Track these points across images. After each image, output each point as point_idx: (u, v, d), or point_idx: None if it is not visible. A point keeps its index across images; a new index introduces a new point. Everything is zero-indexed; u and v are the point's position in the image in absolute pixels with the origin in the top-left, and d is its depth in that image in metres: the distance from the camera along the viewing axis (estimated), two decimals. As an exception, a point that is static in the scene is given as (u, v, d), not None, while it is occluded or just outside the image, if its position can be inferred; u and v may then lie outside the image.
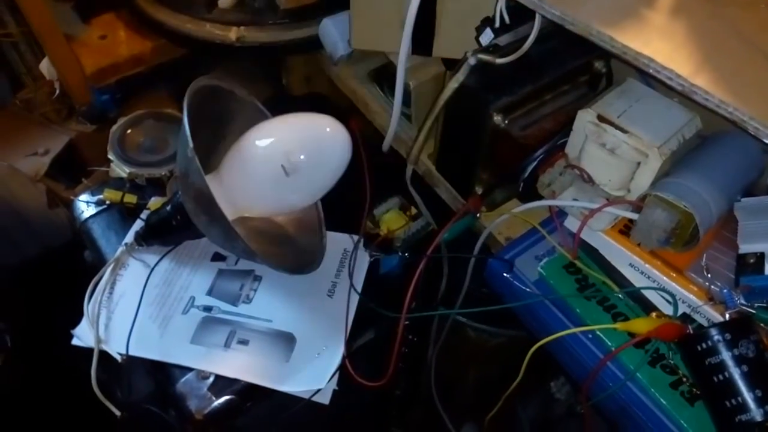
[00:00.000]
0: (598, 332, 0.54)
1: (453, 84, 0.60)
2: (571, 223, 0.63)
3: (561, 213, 0.64)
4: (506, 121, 0.60)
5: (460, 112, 0.62)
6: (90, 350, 0.67)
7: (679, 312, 0.55)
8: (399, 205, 0.76)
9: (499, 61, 0.58)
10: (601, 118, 0.59)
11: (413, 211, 0.76)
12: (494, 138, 0.61)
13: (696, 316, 0.54)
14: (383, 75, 0.84)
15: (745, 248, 0.54)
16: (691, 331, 0.48)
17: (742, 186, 0.58)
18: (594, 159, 0.60)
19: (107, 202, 0.79)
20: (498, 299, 0.64)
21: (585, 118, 0.60)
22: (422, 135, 0.66)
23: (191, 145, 0.58)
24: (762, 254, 0.53)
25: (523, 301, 0.59)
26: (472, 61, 0.58)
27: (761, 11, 0.49)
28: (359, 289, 0.71)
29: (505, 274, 0.60)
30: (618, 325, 0.52)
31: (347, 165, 0.67)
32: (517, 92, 0.60)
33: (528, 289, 0.60)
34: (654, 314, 0.55)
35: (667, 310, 0.56)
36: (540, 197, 0.65)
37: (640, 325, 0.51)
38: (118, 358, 0.66)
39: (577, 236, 0.59)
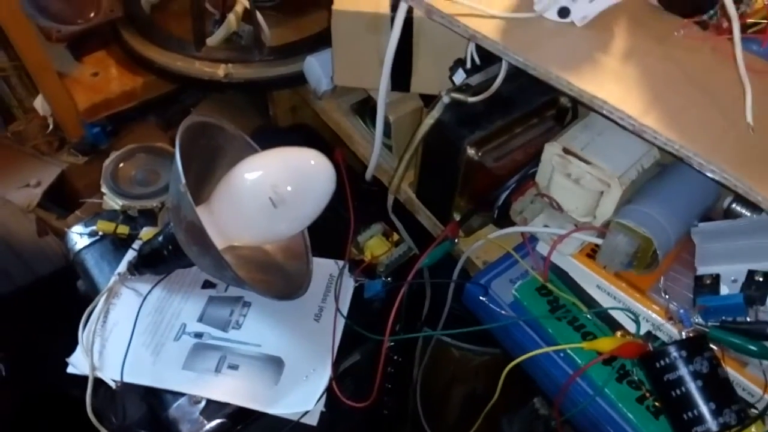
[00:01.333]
0: (568, 351, 0.57)
1: (429, 120, 0.64)
2: (543, 248, 0.67)
3: (533, 238, 0.68)
4: (479, 154, 0.64)
5: (436, 145, 0.67)
6: (85, 377, 0.69)
7: (643, 330, 0.59)
8: (382, 231, 0.80)
9: (471, 99, 0.62)
10: (567, 151, 0.63)
11: (395, 237, 0.80)
12: (469, 169, 0.65)
13: (659, 334, 0.58)
14: (365, 108, 0.88)
15: (702, 270, 0.58)
16: (652, 349, 0.52)
17: (698, 212, 0.62)
18: (561, 188, 0.65)
19: (100, 233, 0.82)
20: (477, 320, 0.68)
21: (552, 150, 0.64)
22: (402, 167, 0.70)
23: (183, 180, 0.61)
24: (717, 275, 0.57)
25: (498, 323, 0.63)
26: (445, 99, 0.63)
27: (706, 54, 0.54)
28: (345, 313, 0.74)
29: (481, 298, 0.64)
30: (584, 345, 0.55)
31: (332, 195, 0.71)
32: (489, 127, 0.65)
33: (503, 312, 0.64)
34: (619, 333, 0.58)
35: (632, 328, 0.60)
36: (513, 224, 0.69)
37: (605, 344, 0.54)
38: (113, 384, 0.68)
39: (548, 260, 0.63)
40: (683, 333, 0.53)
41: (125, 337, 0.72)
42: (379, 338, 0.67)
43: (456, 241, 0.72)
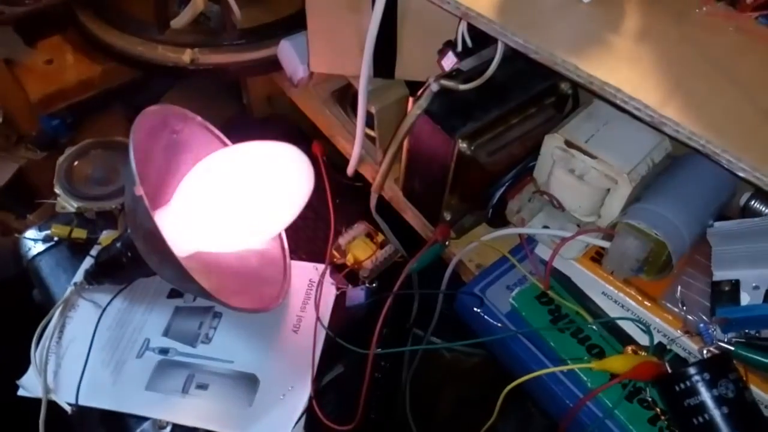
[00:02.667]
0: (576, 370, 0.51)
1: (416, 111, 0.57)
2: (542, 251, 0.61)
3: (531, 240, 0.62)
4: (472, 148, 0.57)
5: (424, 138, 0.60)
6: (38, 401, 0.62)
7: (655, 341, 0.53)
8: (365, 232, 0.73)
9: (463, 87, 0.56)
10: (569, 143, 0.57)
11: (380, 237, 0.73)
12: (460, 165, 0.58)
13: (673, 347, 0.52)
14: (346, 96, 0.81)
15: (719, 275, 0.52)
16: (669, 370, 0.46)
17: (713, 209, 0.56)
18: (563, 185, 0.58)
19: (55, 238, 0.74)
20: (469, 328, 0.62)
21: (552, 143, 0.58)
22: (386, 163, 0.63)
23: (137, 183, 0.54)
24: (737, 281, 0.51)
25: (495, 336, 0.57)
26: (434, 87, 0.56)
27: (730, 35, 0.48)
28: (326, 323, 0.68)
29: (475, 309, 0.58)
30: (594, 365, 0.49)
31: (310, 194, 0.64)
32: (483, 118, 0.58)
33: (499, 324, 0.57)
34: (630, 348, 0.53)
35: (643, 340, 0.54)
36: (509, 224, 0.62)
37: (617, 364, 0.48)
38: (68, 409, 0.61)
39: (549, 266, 0.56)
40: (704, 351, 0.47)
41: (82, 355, 0.65)
42: (364, 352, 0.60)
43: (446, 243, 0.65)
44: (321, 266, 0.71)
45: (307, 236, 0.78)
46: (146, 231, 0.57)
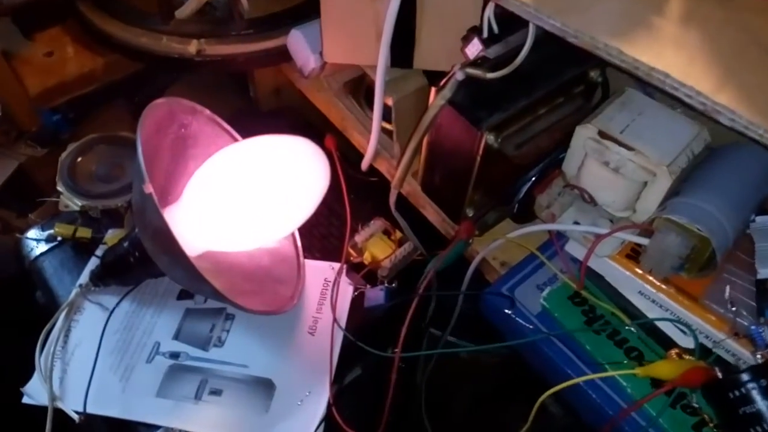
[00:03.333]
0: (617, 377, 0.48)
1: (439, 102, 0.54)
2: (573, 248, 0.58)
3: (560, 236, 0.59)
4: (499, 140, 0.54)
5: (448, 131, 0.57)
6: (43, 409, 0.59)
7: (695, 344, 0.50)
8: (382, 228, 0.70)
9: (490, 75, 0.52)
10: (603, 135, 0.53)
11: (398, 234, 0.70)
12: (486, 158, 0.55)
13: (718, 350, 0.49)
14: (360, 87, 0.78)
15: (764, 273, 0.49)
16: (720, 376, 0.43)
17: (755, 203, 0.53)
18: (596, 178, 0.55)
19: (58, 238, 0.71)
20: (495, 330, 0.59)
21: (584, 134, 0.55)
22: (407, 157, 0.60)
23: (147, 181, 0.51)
24: (784, 279, 0.48)
25: (526, 339, 0.54)
26: (459, 76, 0.52)
27: (779, 16, 0.45)
28: (343, 324, 0.65)
29: (506, 311, 0.55)
30: (638, 371, 0.46)
31: (326, 191, 0.61)
32: (510, 108, 0.55)
33: (531, 326, 0.54)
34: (673, 352, 0.50)
35: (684, 342, 0.51)
36: (534, 219, 0.59)
37: (665, 370, 0.45)
38: (75, 417, 0.58)
39: (584, 266, 0.53)
40: (758, 355, 0.44)
41: (89, 361, 0.62)
42: (388, 355, 0.57)
43: (470, 241, 0.62)
44: (336, 265, 0.68)
45: (320, 233, 0.74)
46: (155, 230, 0.54)
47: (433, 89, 0.55)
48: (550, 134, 0.59)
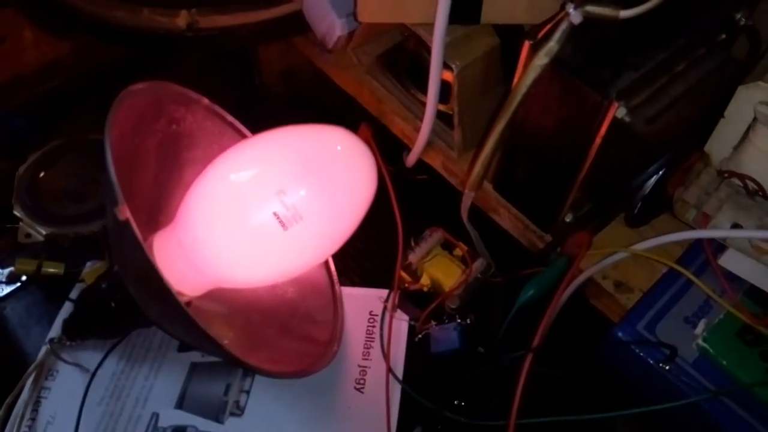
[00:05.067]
0: None
1: (541, 60, 0.37)
2: (733, 261, 0.41)
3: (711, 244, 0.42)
4: (631, 113, 0.37)
5: (550, 103, 0.40)
6: None
7: None
8: (441, 242, 0.53)
9: (624, 14, 0.35)
10: (786, 96, 0.36)
11: (463, 248, 0.53)
12: (610, 139, 0.38)
13: None
14: (399, 59, 0.60)
15: None
16: None
17: None
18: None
19: (22, 277, 0.55)
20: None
21: (754, 97, 0.38)
22: (489, 147, 0.42)
23: (121, 201, 0.34)
24: None
25: (685, 400, 0.37)
26: (575, 18, 0.35)
27: None
28: (400, 374, 0.49)
29: (661, 365, 0.38)
30: None
31: (372, 199, 0.44)
32: (642, 65, 0.38)
33: (688, 381, 0.37)
34: None
35: None
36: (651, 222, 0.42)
37: None
38: None
39: (775, 292, 0.36)
40: None
41: (65, 443, 0.45)
42: (489, 424, 0.41)
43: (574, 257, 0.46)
44: (384, 293, 0.52)
45: (356, 251, 0.58)
46: (138, 271, 0.37)
47: (527, 44, 0.38)
48: (688, 103, 0.41)
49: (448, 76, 0.49)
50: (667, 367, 0.37)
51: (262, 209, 0.40)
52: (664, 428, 0.43)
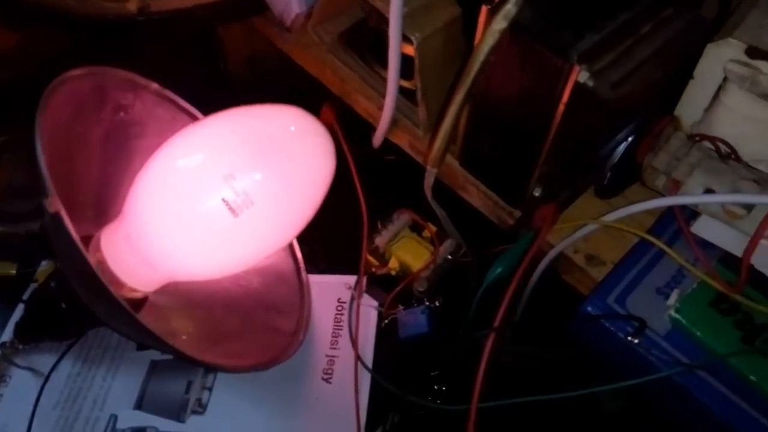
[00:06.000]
0: None
1: (499, 24, 0.35)
2: (706, 229, 0.39)
3: (683, 211, 0.40)
4: (594, 76, 0.35)
5: (510, 70, 0.38)
6: None
7: None
8: (410, 223, 0.51)
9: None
10: (755, 52, 0.34)
11: (432, 229, 0.51)
12: (574, 106, 0.36)
13: None
14: (361, 36, 0.58)
15: None
16: None
17: None
18: (741, 120, 0.37)
19: (-29, 279, 0.52)
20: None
21: (723, 55, 0.36)
22: (448, 121, 0.40)
23: (51, 192, 0.32)
24: None
25: (657, 374, 0.35)
26: (529, -23, 0.33)
27: None
28: (370, 363, 0.47)
29: (630, 339, 0.36)
30: None
31: (332, 179, 0.42)
32: (605, 26, 0.36)
33: (662, 355, 0.36)
34: None
35: None
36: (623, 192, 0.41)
37: None
38: None
39: (748, 260, 0.34)
40: None
41: (19, 452, 0.43)
42: (454, 408, 0.39)
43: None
44: (352, 280, 0.50)
45: (323, 236, 0.55)
46: (76, 267, 0.35)
47: (484, 9, 0.36)
48: (655, 65, 0.39)
49: (409, 50, 0.46)
50: (637, 341, 0.36)
51: (210, 196, 0.38)
52: (650, 402, 0.42)
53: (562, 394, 0.36)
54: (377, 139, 0.54)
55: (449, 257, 0.49)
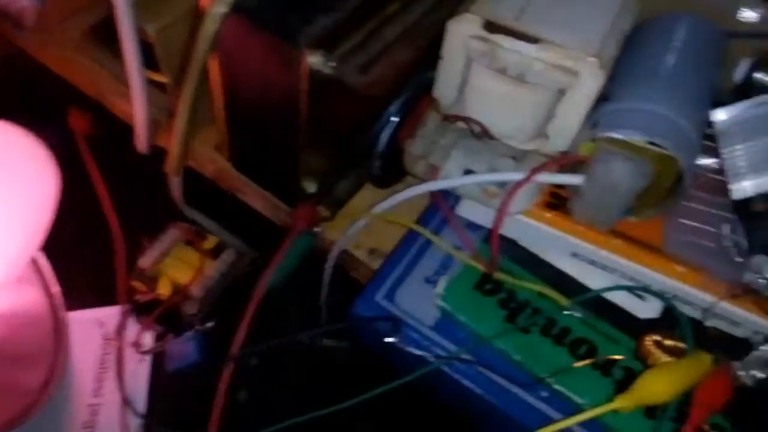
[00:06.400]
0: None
1: (219, 7, 0.30)
2: (469, 210, 0.39)
3: (446, 196, 0.39)
4: (332, 61, 0.32)
5: (244, 60, 0.34)
6: None
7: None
8: (183, 239, 0.46)
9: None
10: (491, 26, 0.34)
11: (211, 242, 0.46)
12: (316, 94, 0.33)
13: (714, 322, 0.33)
14: (113, 31, 0.51)
15: (738, 189, 0.34)
16: (747, 382, 0.26)
17: (707, 95, 0.37)
18: (488, 97, 0.36)
19: None
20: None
21: (463, 31, 0.35)
22: (181, 122, 0.35)
23: None
24: (772, 196, 0.33)
25: (413, 375, 0.33)
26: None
27: None
28: (141, 406, 0.40)
29: (387, 340, 0.34)
30: (619, 403, 0.28)
31: (56, 199, 0.35)
32: (339, 6, 0.33)
33: (430, 355, 0.34)
34: (649, 340, 0.32)
35: (645, 312, 0.35)
36: (401, 178, 0.39)
37: (658, 388, 0.27)
38: None
39: (496, 235, 0.34)
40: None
41: None
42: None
43: (316, 230, 0.41)
44: (115, 312, 0.43)
45: (92, 267, 0.48)
46: None
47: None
48: (409, 46, 0.38)
49: (152, 39, 0.41)
50: (394, 339, 0.34)
51: None
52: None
53: (338, 406, 0.33)
54: (140, 144, 0.48)
55: (228, 270, 0.44)
